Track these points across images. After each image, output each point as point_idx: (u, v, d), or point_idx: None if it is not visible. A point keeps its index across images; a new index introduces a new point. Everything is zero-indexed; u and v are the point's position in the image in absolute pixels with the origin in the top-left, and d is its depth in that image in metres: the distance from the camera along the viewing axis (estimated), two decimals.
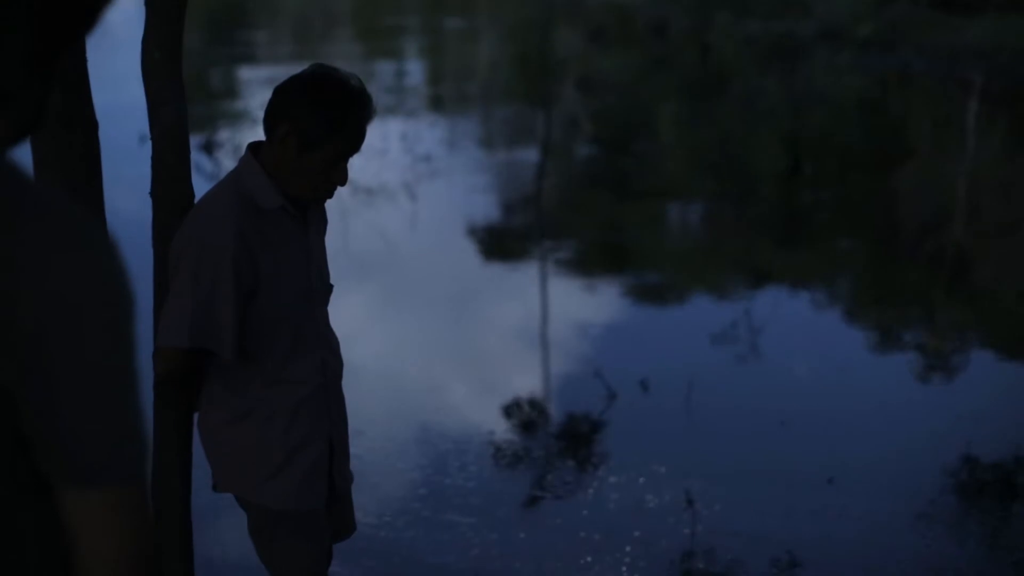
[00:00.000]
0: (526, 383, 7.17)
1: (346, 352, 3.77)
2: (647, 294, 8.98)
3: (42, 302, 1.64)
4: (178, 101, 3.54)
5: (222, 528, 5.00)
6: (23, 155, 3.49)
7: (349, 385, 3.76)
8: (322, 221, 3.67)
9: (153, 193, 3.59)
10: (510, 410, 6.78)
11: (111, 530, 1.74)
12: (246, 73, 17.72)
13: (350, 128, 3.33)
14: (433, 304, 8.45)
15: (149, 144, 3.58)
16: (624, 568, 5.19)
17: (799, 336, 8.08)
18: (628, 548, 5.34)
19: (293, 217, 3.46)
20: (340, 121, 3.32)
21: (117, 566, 1.75)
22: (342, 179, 3.41)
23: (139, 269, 2.29)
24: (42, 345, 1.65)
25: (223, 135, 13.15)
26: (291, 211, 3.44)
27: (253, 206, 3.38)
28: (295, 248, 3.47)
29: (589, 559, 5.26)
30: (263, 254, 3.37)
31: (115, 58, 13.34)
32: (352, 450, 3.88)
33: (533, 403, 6.90)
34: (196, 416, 3.66)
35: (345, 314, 3.86)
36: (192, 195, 3.61)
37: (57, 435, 1.69)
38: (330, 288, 3.67)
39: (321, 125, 3.32)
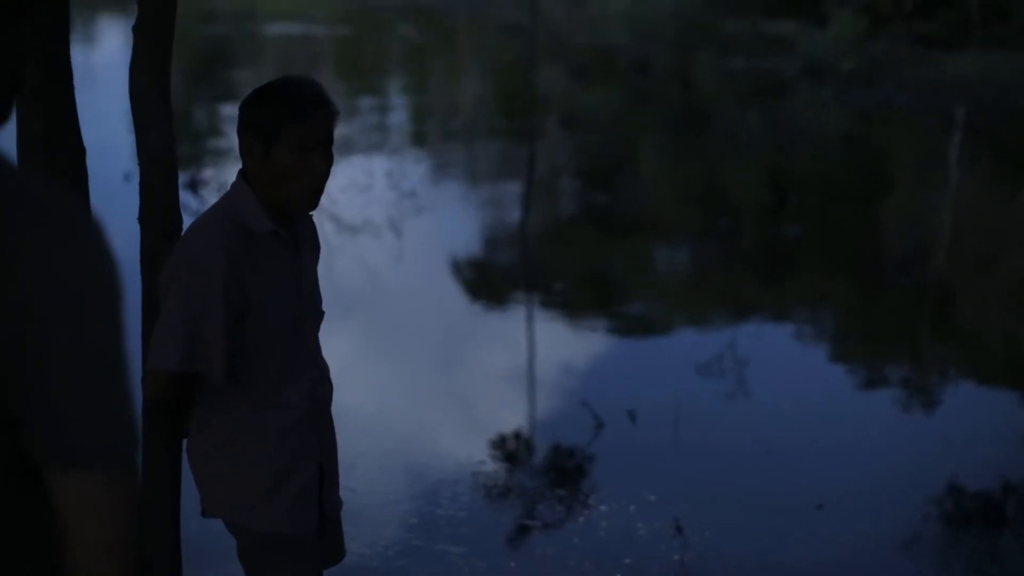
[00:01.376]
0: (514, 415, 7.16)
1: (334, 387, 3.76)
2: (632, 328, 8.99)
3: (35, 285, 1.66)
4: (165, 126, 3.55)
5: (212, 553, 4.98)
6: None
7: (339, 420, 3.75)
8: (314, 246, 3.67)
9: (141, 218, 3.60)
10: (499, 441, 6.78)
11: (99, 513, 1.75)
12: (230, 111, 17.74)
13: (298, 111, 3.32)
14: (420, 339, 8.44)
15: (133, 182, 3.59)
16: None
17: (785, 368, 8.09)
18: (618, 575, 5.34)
19: (284, 242, 3.46)
20: (284, 106, 3.32)
21: (104, 548, 1.76)
22: (319, 168, 3.37)
23: (128, 294, 2.29)
24: (34, 327, 1.67)
25: (208, 173, 13.15)
26: (282, 235, 3.44)
27: (244, 230, 3.38)
28: (286, 273, 3.47)
29: None
30: (253, 278, 3.36)
31: (97, 97, 13.36)
32: (343, 482, 3.87)
33: (522, 434, 6.90)
34: (185, 441, 3.65)
35: (332, 349, 3.84)
36: (180, 220, 3.61)
37: (46, 417, 1.70)
38: (321, 314, 3.67)
39: (269, 118, 3.32)
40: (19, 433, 1.73)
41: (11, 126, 3.39)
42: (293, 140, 3.33)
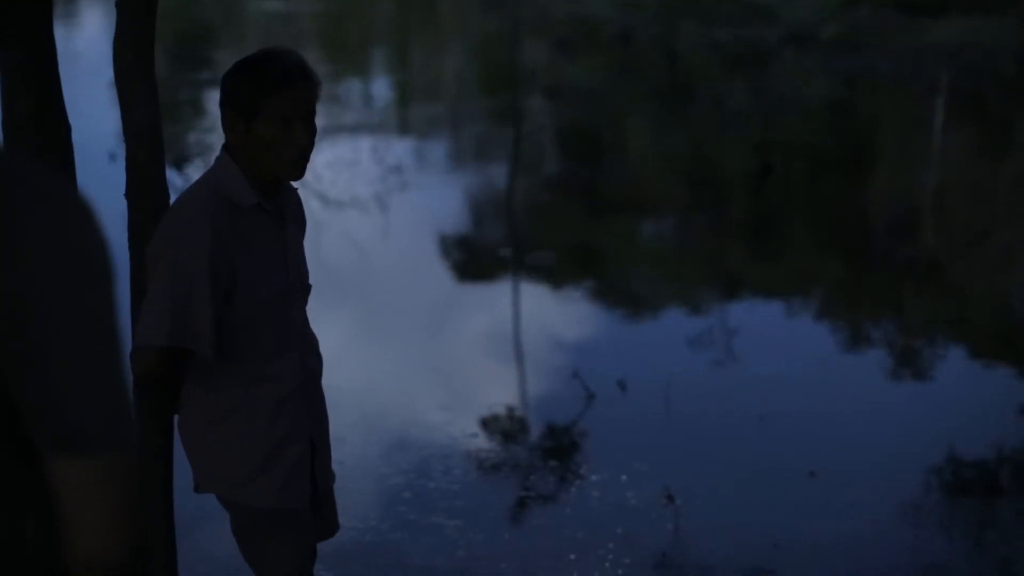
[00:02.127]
0: (505, 388, 7.16)
1: (325, 363, 3.75)
2: (620, 300, 8.98)
3: (22, 265, 1.65)
4: (151, 103, 3.54)
5: (206, 528, 4.97)
6: None
7: (329, 394, 3.74)
8: (300, 219, 3.66)
9: (128, 195, 3.58)
10: (491, 414, 6.77)
11: (99, 497, 1.74)
12: (213, 88, 17.69)
13: (276, 81, 3.30)
14: (409, 314, 8.43)
15: (118, 162, 3.58)
16: (608, 565, 5.19)
17: (775, 337, 8.10)
18: (612, 545, 5.34)
19: (269, 215, 3.45)
20: (263, 78, 3.30)
21: (105, 531, 1.76)
22: (302, 138, 3.35)
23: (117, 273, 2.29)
24: (23, 308, 1.66)
25: (193, 150, 13.12)
26: (267, 209, 3.43)
27: (229, 204, 3.37)
28: (272, 246, 3.46)
29: (573, 557, 5.26)
30: (240, 252, 3.36)
31: (80, 78, 13.31)
32: (335, 455, 3.87)
33: (513, 407, 6.90)
34: (176, 417, 3.64)
35: (321, 325, 3.83)
36: (167, 196, 3.60)
37: (44, 402, 1.70)
38: (308, 287, 3.66)
39: (248, 90, 3.31)
40: (18, 417, 1.72)
41: None
42: (274, 112, 3.31)
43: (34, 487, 1.80)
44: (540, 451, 6.34)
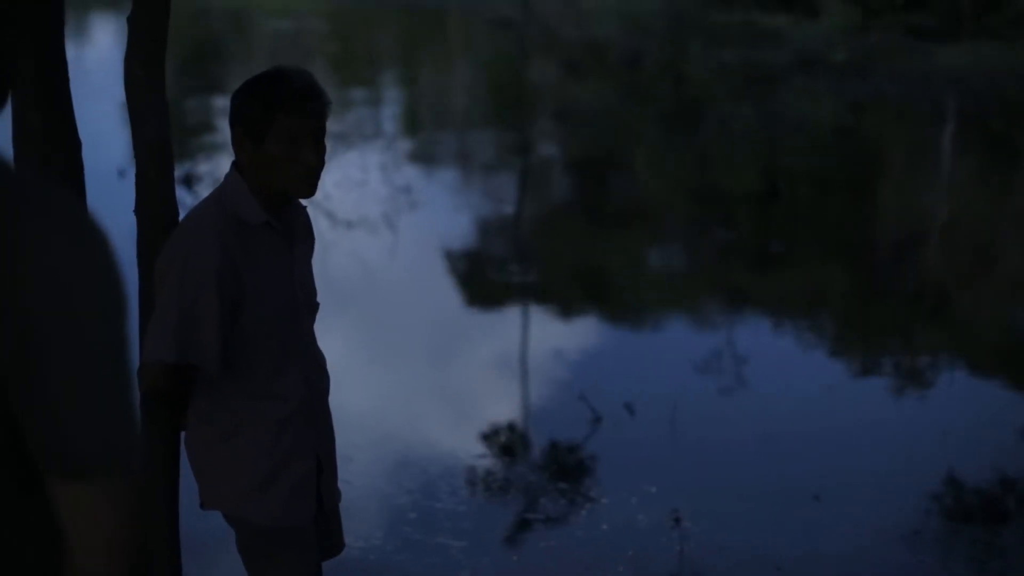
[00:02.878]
0: (512, 409, 7.16)
1: (332, 383, 3.73)
2: (627, 322, 8.98)
3: (31, 289, 1.64)
4: (161, 118, 3.53)
5: (211, 545, 4.96)
6: None
7: (336, 413, 3.74)
8: (308, 237, 3.66)
9: (137, 210, 3.58)
10: (498, 435, 6.77)
11: (100, 518, 1.74)
12: (223, 106, 17.71)
13: (286, 101, 3.30)
14: (417, 333, 8.42)
15: (127, 178, 3.58)
16: None
17: (781, 360, 8.09)
18: (620, 568, 5.33)
19: (278, 232, 3.44)
20: (273, 98, 3.30)
21: (105, 552, 1.75)
22: (311, 157, 3.35)
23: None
24: (35, 332, 1.64)
25: (202, 168, 13.13)
26: (276, 226, 3.43)
27: (238, 221, 3.36)
28: (280, 264, 3.45)
29: None
30: (247, 269, 3.35)
31: (91, 93, 13.33)
32: (342, 475, 3.86)
33: (520, 428, 6.89)
34: (183, 434, 3.63)
35: (329, 344, 3.83)
36: (176, 212, 3.60)
37: (47, 424, 1.68)
38: (316, 305, 3.65)
39: (258, 109, 3.31)
40: (21, 440, 1.71)
41: (7, 119, 3.38)
42: (283, 132, 3.31)
43: (36, 511, 1.78)
44: (546, 473, 6.32)
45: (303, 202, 3.59)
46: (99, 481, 1.72)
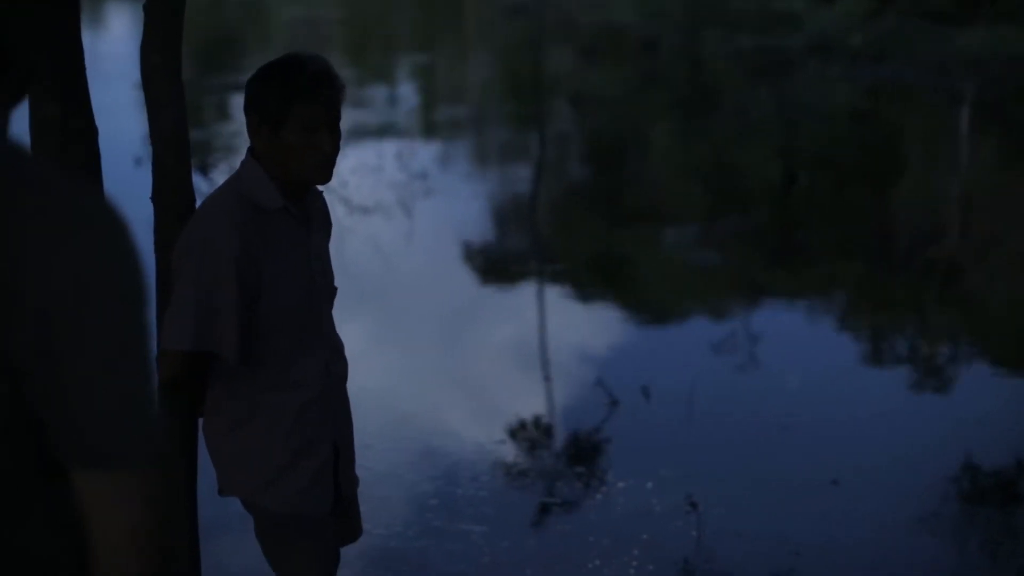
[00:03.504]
0: (530, 395, 7.16)
1: (349, 368, 3.74)
2: (644, 307, 8.98)
3: (49, 280, 1.63)
4: (178, 105, 3.54)
5: (229, 532, 4.98)
6: None
7: (355, 400, 3.74)
8: (325, 223, 3.66)
9: (154, 198, 3.59)
10: (516, 421, 6.77)
11: (123, 512, 1.73)
12: (238, 95, 17.70)
13: (302, 90, 3.31)
14: (434, 321, 8.44)
15: (144, 167, 3.59)
16: (632, 571, 5.18)
17: (798, 346, 8.08)
18: (636, 552, 5.34)
19: (295, 218, 3.45)
20: (290, 87, 3.31)
21: (129, 548, 1.74)
22: (327, 144, 3.36)
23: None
24: (50, 324, 1.63)
25: (218, 156, 13.15)
26: (292, 212, 3.43)
27: (254, 207, 3.37)
28: (297, 249, 3.46)
29: (598, 563, 5.26)
30: (265, 255, 3.36)
31: (107, 83, 13.36)
32: (361, 462, 3.87)
33: (538, 414, 6.90)
34: (201, 421, 3.64)
35: (347, 331, 3.83)
36: (193, 199, 3.60)
37: (66, 417, 1.68)
38: (334, 290, 3.66)
39: (274, 98, 3.32)
40: (41, 433, 1.70)
41: (23, 109, 3.39)
42: (300, 120, 3.32)
43: (57, 505, 1.78)
44: (564, 458, 6.33)
45: (320, 187, 3.60)
46: (120, 471, 1.71)
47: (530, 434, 6.62)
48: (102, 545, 1.74)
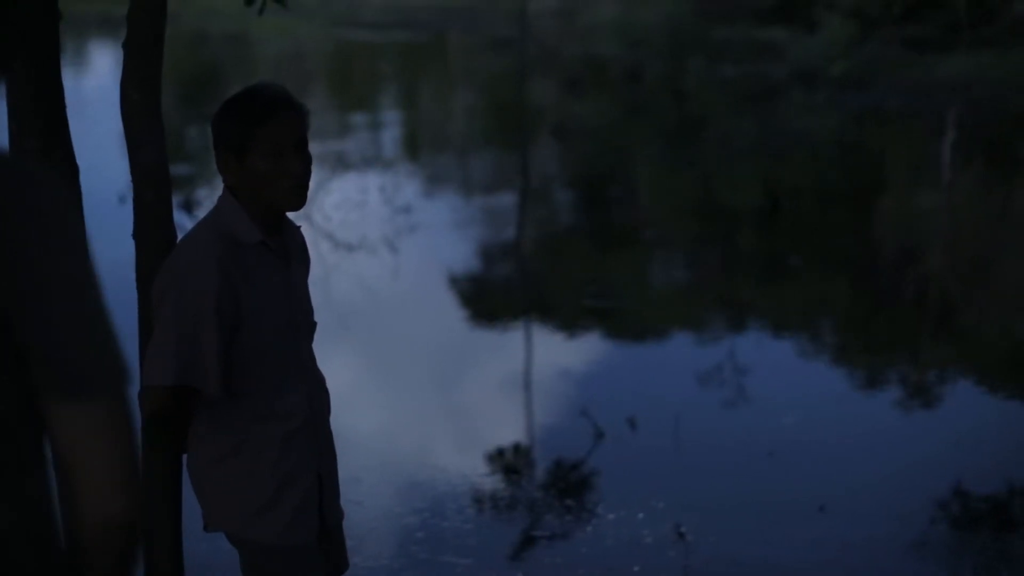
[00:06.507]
0: (517, 427, 7.16)
1: (335, 403, 3.75)
2: (630, 337, 8.98)
3: (26, 233, 1.85)
4: (158, 142, 3.55)
5: (215, 568, 4.97)
6: None
7: (341, 434, 3.74)
8: (304, 257, 3.67)
9: (135, 235, 3.59)
10: (503, 453, 6.77)
11: (102, 441, 1.88)
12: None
13: (260, 114, 3.33)
14: (420, 354, 8.43)
15: (128, 205, 3.59)
16: None
17: (784, 372, 8.09)
18: None
19: (273, 252, 3.45)
20: (248, 112, 3.33)
21: (109, 478, 1.89)
22: (296, 167, 3.37)
23: (123, 310, 2.32)
24: (30, 269, 1.84)
25: (202, 193, 13.15)
26: (271, 246, 3.44)
27: (233, 242, 3.37)
28: (276, 283, 3.46)
29: None
30: (244, 289, 3.36)
31: (89, 121, 13.37)
32: (350, 496, 3.87)
33: (524, 446, 6.89)
34: (185, 456, 3.64)
35: (332, 366, 3.84)
36: (174, 235, 3.61)
37: (50, 351, 1.86)
38: (314, 324, 3.66)
39: (236, 126, 3.34)
40: (26, 369, 1.87)
41: (3, 143, 3.39)
42: (263, 144, 3.34)
43: (39, 446, 1.93)
44: (552, 490, 6.33)
45: (299, 223, 3.60)
46: (96, 400, 1.87)
47: (515, 467, 6.61)
48: (78, 482, 1.88)
